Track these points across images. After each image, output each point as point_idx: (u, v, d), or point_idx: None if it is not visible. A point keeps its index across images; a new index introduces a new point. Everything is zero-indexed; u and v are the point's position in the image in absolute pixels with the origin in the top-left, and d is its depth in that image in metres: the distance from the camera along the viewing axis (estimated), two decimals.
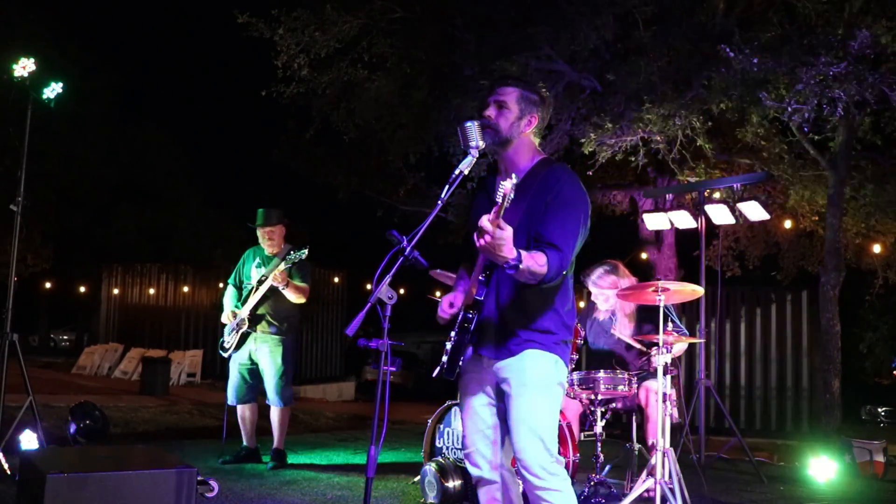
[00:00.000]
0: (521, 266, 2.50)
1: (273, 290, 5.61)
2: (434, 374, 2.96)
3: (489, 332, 2.83)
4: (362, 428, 9.35)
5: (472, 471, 2.94)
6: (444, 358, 2.88)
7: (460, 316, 2.83)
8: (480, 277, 2.80)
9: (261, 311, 5.68)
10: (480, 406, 2.91)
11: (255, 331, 5.68)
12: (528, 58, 10.54)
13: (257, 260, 5.84)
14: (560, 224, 2.70)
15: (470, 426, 2.93)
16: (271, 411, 5.79)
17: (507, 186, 2.34)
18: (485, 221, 2.36)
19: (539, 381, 2.78)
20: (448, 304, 2.92)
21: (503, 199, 2.33)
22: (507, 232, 2.39)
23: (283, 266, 5.51)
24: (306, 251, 5.47)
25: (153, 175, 21.80)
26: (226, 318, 5.79)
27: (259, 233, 5.84)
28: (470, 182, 12.27)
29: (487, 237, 2.37)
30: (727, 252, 12.87)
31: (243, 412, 5.82)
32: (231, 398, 5.80)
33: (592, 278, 5.11)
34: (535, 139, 2.94)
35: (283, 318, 5.71)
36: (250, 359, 5.71)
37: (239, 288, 5.90)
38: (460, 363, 2.85)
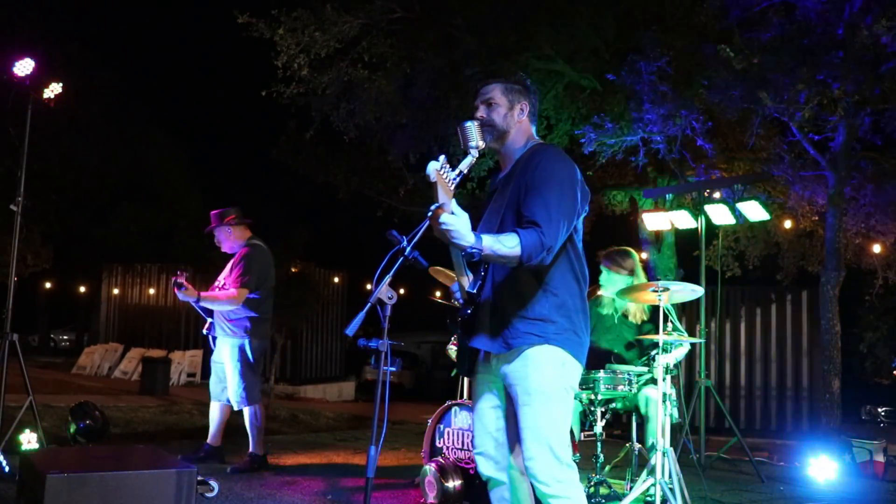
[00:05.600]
0: (483, 251, 2.45)
1: None
2: (452, 374, 2.96)
3: (484, 324, 2.76)
4: (362, 428, 9.35)
5: (482, 471, 2.92)
6: (457, 357, 2.89)
7: (458, 313, 2.79)
8: (478, 271, 2.75)
9: (215, 315, 5.64)
10: (488, 408, 2.88)
11: (218, 334, 5.68)
12: (528, 58, 10.56)
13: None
14: (540, 199, 2.62)
15: (478, 427, 2.91)
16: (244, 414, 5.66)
17: (430, 168, 2.34)
18: (433, 207, 2.36)
19: (545, 389, 2.68)
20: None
21: (436, 182, 2.34)
22: (457, 219, 2.36)
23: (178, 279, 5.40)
24: (181, 273, 5.34)
25: (153, 175, 21.78)
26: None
27: None
28: (470, 182, 12.34)
29: (434, 222, 2.36)
30: (727, 252, 12.87)
31: (212, 410, 5.77)
32: (210, 394, 5.80)
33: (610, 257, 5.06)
34: (532, 126, 2.91)
35: (234, 321, 5.53)
36: (220, 359, 5.71)
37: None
38: (468, 362, 2.83)
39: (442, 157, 2.38)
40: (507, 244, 2.50)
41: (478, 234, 2.44)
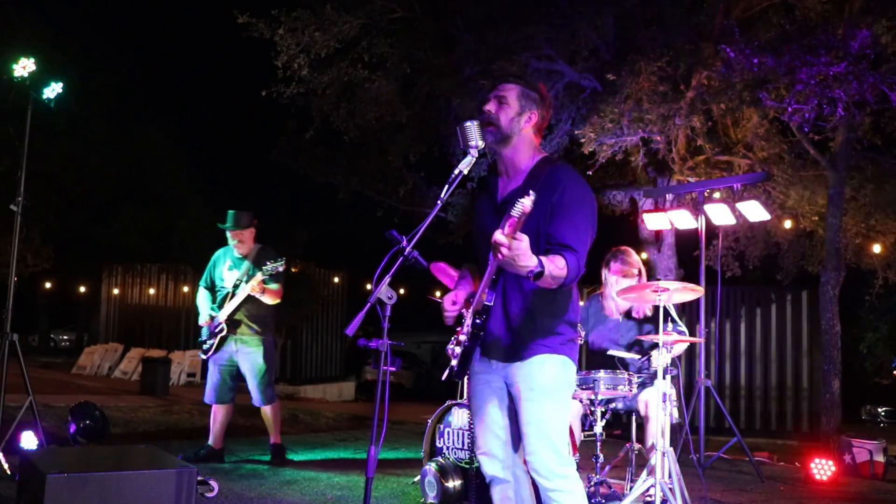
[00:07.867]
0: (544, 273, 2.46)
1: (250, 296, 5.68)
2: (443, 378, 2.95)
3: (498, 338, 2.81)
4: (362, 428, 9.34)
5: (485, 470, 2.93)
6: (454, 361, 2.86)
7: (470, 322, 2.80)
8: (490, 282, 2.76)
9: (238, 315, 5.75)
10: (491, 407, 2.89)
11: (234, 334, 5.75)
12: (528, 58, 10.55)
13: (228, 262, 5.90)
14: (571, 224, 2.67)
15: (481, 427, 2.92)
16: (262, 411, 5.92)
17: (526, 204, 2.28)
18: (499, 236, 2.30)
19: (547, 385, 2.76)
20: (451, 303, 2.88)
21: (520, 216, 2.28)
22: (525, 242, 2.34)
23: (259, 277, 5.57)
24: (282, 264, 5.50)
25: (153, 175, 21.76)
26: (203, 320, 5.86)
27: (228, 235, 5.86)
28: (470, 182, 12.32)
29: (505, 250, 2.31)
30: (727, 252, 12.86)
31: (216, 412, 5.88)
32: (210, 397, 5.86)
33: (621, 259, 5.02)
34: (536, 138, 2.89)
35: (261, 320, 5.80)
36: (230, 360, 5.78)
37: (211, 290, 5.94)
38: (467, 365, 2.84)
39: (532, 193, 2.35)
40: (558, 266, 2.55)
41: (539, 258, 2.45)
